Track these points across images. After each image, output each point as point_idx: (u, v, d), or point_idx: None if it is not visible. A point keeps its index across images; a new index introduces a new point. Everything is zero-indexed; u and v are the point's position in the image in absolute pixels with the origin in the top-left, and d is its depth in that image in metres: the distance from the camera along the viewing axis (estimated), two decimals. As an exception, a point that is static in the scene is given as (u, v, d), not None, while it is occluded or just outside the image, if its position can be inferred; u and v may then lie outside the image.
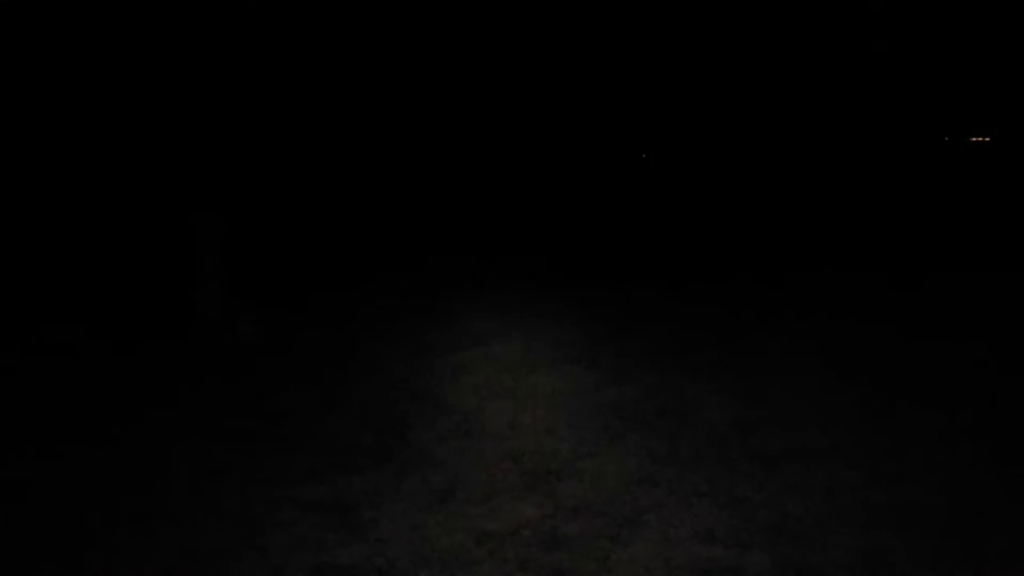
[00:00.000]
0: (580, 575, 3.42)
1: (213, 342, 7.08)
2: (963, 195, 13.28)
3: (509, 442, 4.82)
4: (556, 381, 5.95)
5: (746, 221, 12.55)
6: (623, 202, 13.43)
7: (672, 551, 3.57)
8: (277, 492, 4.22)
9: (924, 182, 13.81)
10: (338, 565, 3.53)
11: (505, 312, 8.03)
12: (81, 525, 3.93)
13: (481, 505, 4.03)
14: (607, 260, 10.69)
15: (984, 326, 7.30)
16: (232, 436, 5.02)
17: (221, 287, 7.20)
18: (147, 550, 3.68)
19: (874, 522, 3.81)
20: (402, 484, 4.30)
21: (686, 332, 7.25)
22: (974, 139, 14.99)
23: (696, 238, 11.88)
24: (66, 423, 5.29)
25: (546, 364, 6.34)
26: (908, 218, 12.30)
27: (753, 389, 5.70)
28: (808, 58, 12.86)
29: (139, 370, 6.43)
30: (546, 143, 13.17)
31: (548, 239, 11.79)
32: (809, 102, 13.67)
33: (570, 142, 13.06)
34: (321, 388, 5.91)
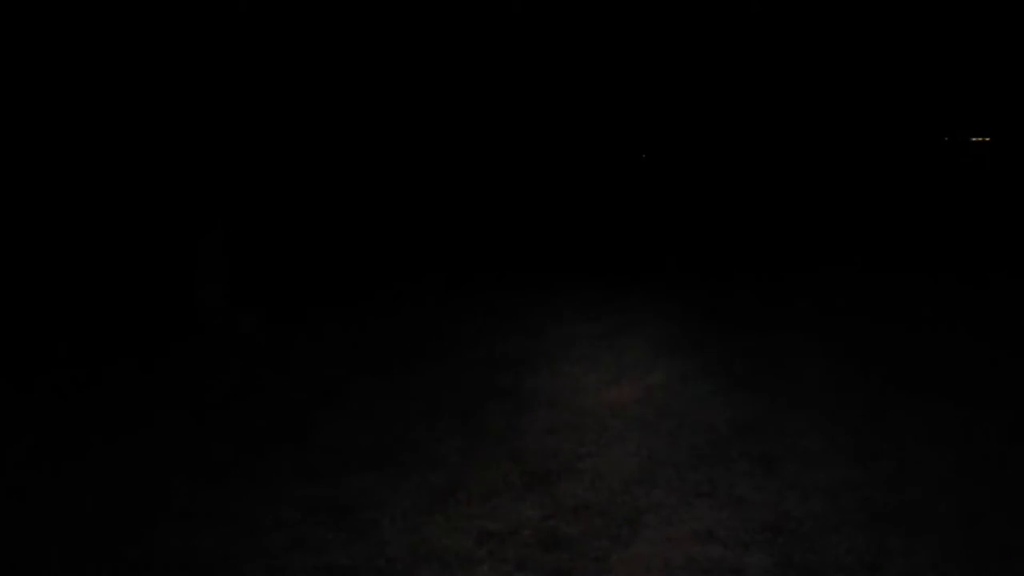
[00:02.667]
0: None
1: (214, 342, 7.06)
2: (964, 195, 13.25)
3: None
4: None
5: (746, 219, 12.51)
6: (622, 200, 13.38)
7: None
8: (277, 492, 4.22)
9: (925, 181, 13.79)
10: (339, 565, 3.53)
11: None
12: (81, 525, 3.92)
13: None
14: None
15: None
16: (233, 436, 5.02)
17: (222, 288, 7.18)
18: (147, 550, 3.68)
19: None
20: (402, 483, 4.31)
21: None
22: (974, 139, 14.98)
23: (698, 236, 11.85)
24: (66, 422, 5.28)
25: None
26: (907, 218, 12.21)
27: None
28: (806, 59, 12.86)
29: (139, 370, 6.43)
30: (547, 143, 13.16)
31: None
32: (807, 103, 13.67)
33: (569, 143, 13.06)
34: (320, 387, 5.90)
